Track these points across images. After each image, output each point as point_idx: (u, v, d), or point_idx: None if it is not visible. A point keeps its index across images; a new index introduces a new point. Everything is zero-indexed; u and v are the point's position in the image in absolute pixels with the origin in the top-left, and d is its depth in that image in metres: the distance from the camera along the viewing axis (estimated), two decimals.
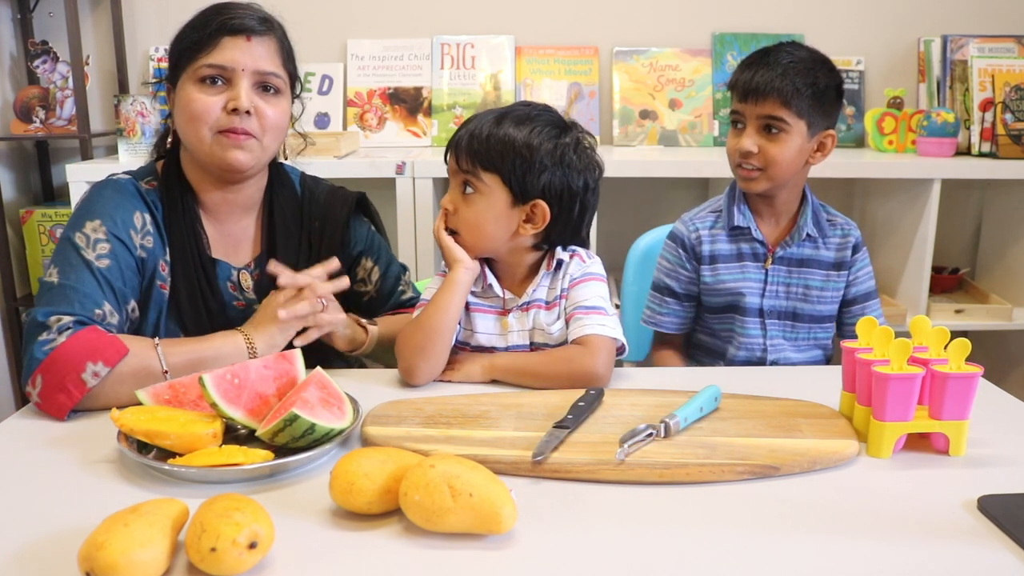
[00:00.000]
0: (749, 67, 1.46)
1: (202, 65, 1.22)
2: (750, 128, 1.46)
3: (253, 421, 0.98)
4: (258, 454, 0.91)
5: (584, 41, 2.54)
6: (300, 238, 1.38)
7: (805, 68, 1.43)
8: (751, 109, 1.45)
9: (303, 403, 0.94)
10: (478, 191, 1.21)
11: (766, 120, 1.44)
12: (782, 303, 1.54)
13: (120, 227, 1.22)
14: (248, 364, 1.02)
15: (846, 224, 1.56)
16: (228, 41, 1.22)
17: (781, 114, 1.43)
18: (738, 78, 1.48)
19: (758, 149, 1.45)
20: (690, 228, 1.57)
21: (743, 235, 1.53)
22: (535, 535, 0.80)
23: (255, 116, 1.23)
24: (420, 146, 2.49)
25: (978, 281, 2.56)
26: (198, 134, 1.22)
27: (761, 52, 1.47)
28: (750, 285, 1.53)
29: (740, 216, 1.52)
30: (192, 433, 0.93)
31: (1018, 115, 2.26)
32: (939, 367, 0.95)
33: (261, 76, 1.23)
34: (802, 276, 1.53)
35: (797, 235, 1.52)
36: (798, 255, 1.53)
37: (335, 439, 0.96)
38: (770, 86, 1.42)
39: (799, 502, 0.87)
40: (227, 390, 0.97)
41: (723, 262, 1.54)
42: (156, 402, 1.01)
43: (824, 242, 1.53)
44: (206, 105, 1.21)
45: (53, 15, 2.46)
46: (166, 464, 0.90)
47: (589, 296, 1.25)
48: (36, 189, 2.59)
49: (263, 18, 1.26)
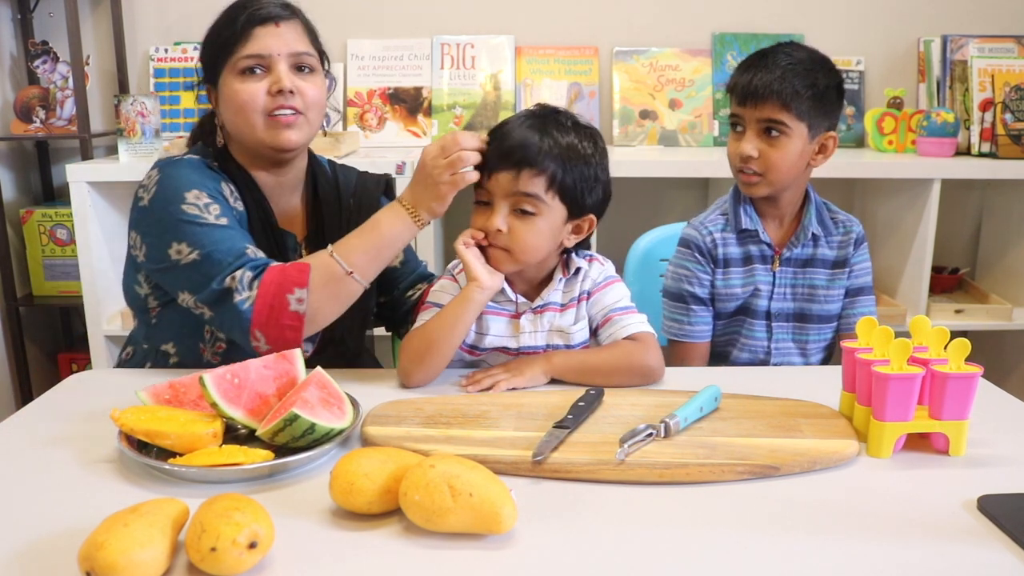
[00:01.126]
0: (747, 70, 1.44)
1: (240, 58, 1.26)
2: (750, 132, 1.44)
3: (253, 421, 0.98)
4: (258, 454, 0.91)
5: (584, 41, 2.54)
6: (340, 214, 1.42)
7: (804, 69, 1.41)
8: (750, 113, 1.43)
9: (303, 403, 0.94)
10: (539, 212, 1.18)
11: (766, 124, 1.42)
12: (789, 305, 1.53)
13: (213, 192, 1.26)
14: (248, 364, 1.02)
15: (848, 220, 1.55)
16: (259, 31, 1.26)
17: (781, 117, 1.41)
18: (736, 81, 1.46)
19: (758, 153, 1.43)
20: (703, 232, 1.53)
21: (751, 237, 1.52)
22: (535, 535, 0.80)
23: (298, 94, 1.27)
24: (420, 146, 2.48)
25: (978, 281, 2.56)
26: (249, 121, 1.27)
27: (759, 54, 1.45)
28: (759, 288, 1.52)
29: (747, 219, 1.50)
30: (192, 433, 0.93)
31: (1018, 115, 2.26)
32: (939, 367, 0.95)
33: (296, 57, 1.29)
34: (807, 276, 1.52)
35: (802, 235, 1.50)
36: (802, 255, 1.52)
37: (335, 439, 0.96)
38: (768, 89, 1.40)
39: (799, 502, 0.87)
40: (227, 390, 0.97)
41: (734, 266, 1.52)
42: (156, 402, 1.01)
43: (827, 240, 1.52)
44: (252, 93, 1.26)
45: (53, 15, 2.46)
46: (166, 464, 0.90)
47: (620, 298, 1.28)
48: (36, 189, 2.59)
49: (285, 4, 1.31)
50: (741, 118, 1.46)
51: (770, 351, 1.54)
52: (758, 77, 1.41)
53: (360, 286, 1.21)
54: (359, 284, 1.20)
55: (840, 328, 1.55)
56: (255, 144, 1.29)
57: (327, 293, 1.18)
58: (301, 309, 1.15)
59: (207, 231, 1.20)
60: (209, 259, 1.18)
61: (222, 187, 1.29)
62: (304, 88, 1.28)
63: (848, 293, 1.54)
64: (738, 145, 1.46)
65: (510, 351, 1.27)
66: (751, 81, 1.42)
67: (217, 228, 1.20)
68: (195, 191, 1.23)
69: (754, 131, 1.44)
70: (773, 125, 1.42)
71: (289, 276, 1.16)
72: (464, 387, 1.18)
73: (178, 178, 1.25)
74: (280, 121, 1.26)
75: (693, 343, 1.55)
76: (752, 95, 1.42)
